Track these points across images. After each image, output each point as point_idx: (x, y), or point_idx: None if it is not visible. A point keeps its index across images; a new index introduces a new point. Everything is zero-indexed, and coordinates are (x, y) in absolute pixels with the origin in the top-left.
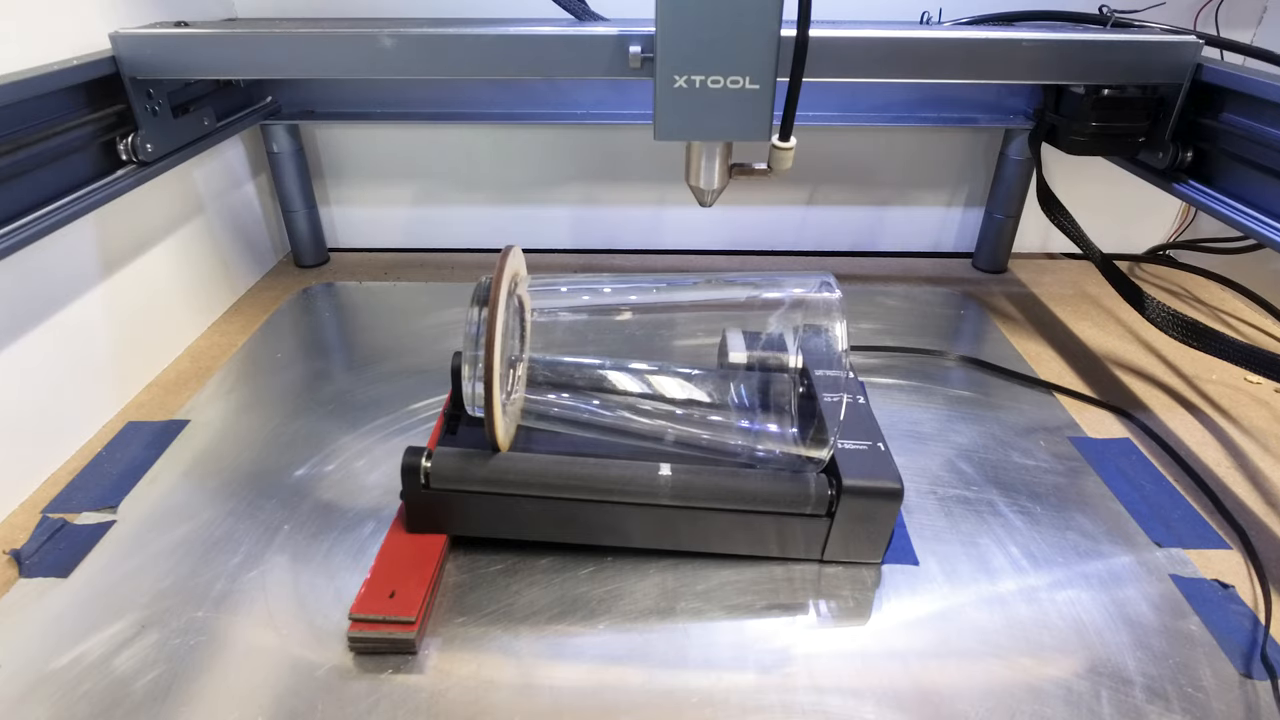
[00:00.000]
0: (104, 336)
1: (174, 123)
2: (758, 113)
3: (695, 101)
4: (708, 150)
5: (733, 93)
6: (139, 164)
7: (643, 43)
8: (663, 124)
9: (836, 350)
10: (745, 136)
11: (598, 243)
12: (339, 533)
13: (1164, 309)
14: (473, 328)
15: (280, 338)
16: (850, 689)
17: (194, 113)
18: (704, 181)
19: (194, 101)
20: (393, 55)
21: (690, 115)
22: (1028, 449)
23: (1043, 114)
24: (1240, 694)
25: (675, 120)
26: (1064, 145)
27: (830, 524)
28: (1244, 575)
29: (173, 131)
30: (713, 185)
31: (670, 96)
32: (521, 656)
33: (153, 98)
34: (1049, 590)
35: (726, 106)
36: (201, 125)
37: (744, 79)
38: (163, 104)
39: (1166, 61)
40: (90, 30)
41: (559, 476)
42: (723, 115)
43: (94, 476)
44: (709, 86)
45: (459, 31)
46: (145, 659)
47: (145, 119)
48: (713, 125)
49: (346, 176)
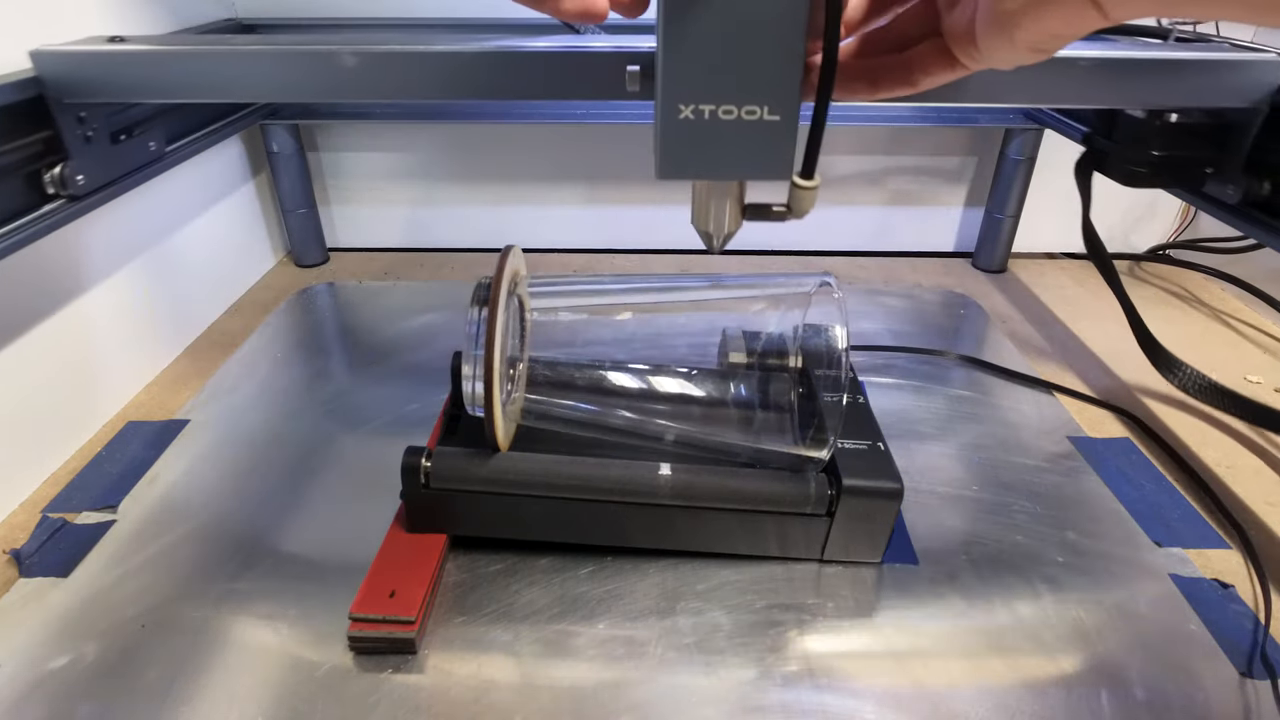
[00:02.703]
0: (104, 336)
1: (112, 150)
2: (778, 148)
3: (704, 135)
4: (718, 190)
5: (749, 125)
6: (69, 198)
7: (642, 61)
8: (666, 161)
9: (836, 350)
10: (764, 175)
11: (598, 243)
12: (339, 533)
13: (1197, 376)
14: (473, 328)
15: (280, 338)
16: (850, 689)
17: (139, 137)
18: (713, 225)
19: (139, 125)
20: (356, 75)
21: (698, 151)
22: (1028, 448)
23: (1091, 139)
24: (1240, 694)
25: (681, 157)
26: (1118, 175)
27: (830, 524)
28: (1244, 575)
29: (111, 160)
30: (723, 230)
31: (675, 129)
32: (521, 656)
33: (85, 122)
34: (1049, 590)
35: (741, 140)
36: (147, 151)
37: (762, 109)
38: (98, 129)
39: (1240, 82)
40: (22, 43)
41: (559, 476)
42: (737, 151)
43: (94, 476)
44: (720, 117)
45: (427, 49)
46: (145, 659)
47: (77, 146)
48: (725, 163)
49: (346, 176)
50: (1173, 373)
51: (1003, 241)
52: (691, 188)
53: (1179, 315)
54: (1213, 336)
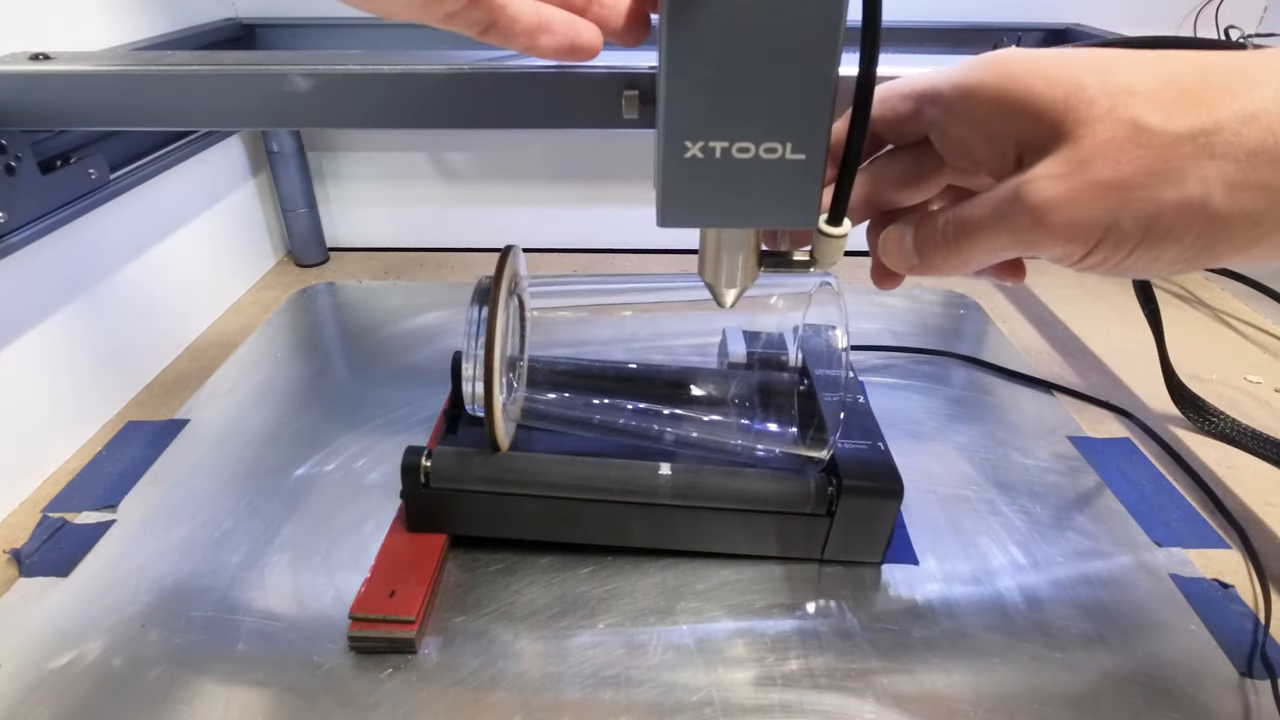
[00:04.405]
0: (104, 336)
1: (42, 181)
2: (802, 191)
3: (715, 176)
4: (731, 239)
5: (768, 164)
6: None
7: (640, 85)
8: (669, 207)
9: (837, 349)
10: (784, 223)
11: (598, 243)
12: (339, 533)
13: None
14: (473, 327)
15: (280, 337)
16: (850, 689)
17: (75, 165)
18: (725, 279)
19: (76, 151)
20: (310, 101)
21: (708, 194)
22: (1028, 449)
23: None
24: (1240, 694)
25: (687, 201)
26: None
27: (830, 523)
28: (1244, 575)
29: (40, 192)
30: (736, 284)
31: (680, 169)
32: (521, 656)
33: (7, 151)
34: (1049, 590)
35: (759, 183)
36: (87, 179)
37: (784, 146)
38: (23, 157)
39: None
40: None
41: (559, 476)
42: (754, 194)
43: (94, 476)
44: (735, 156)
45: (392, 70)
46: (145, 659)
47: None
48: (740, 208)
49: (346, 176)
50: (1203, 418)
51: None
52: (700, 235)
53: (1179, 315)
54: (1213, 336)
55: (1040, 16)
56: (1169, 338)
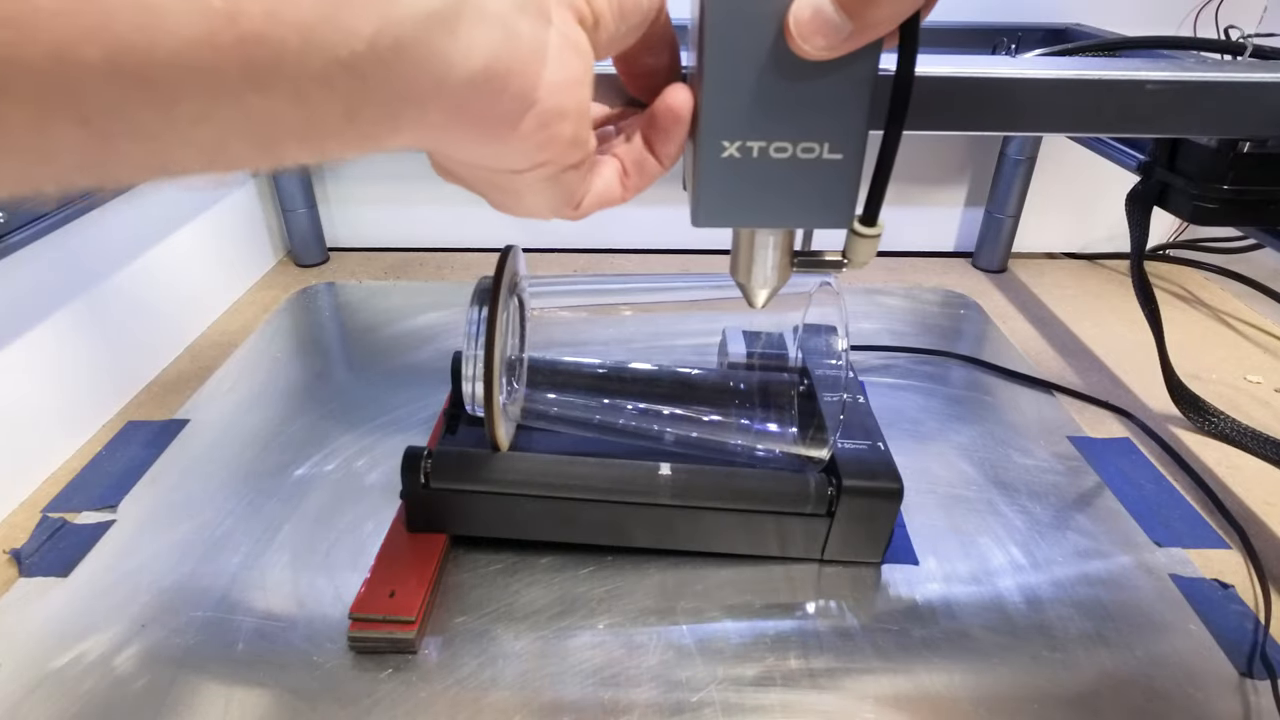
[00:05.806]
0: (104, 336)
1: None
2: (839, 191)
3: (751, 176)
4: (764, 239)
5: (805, 164)
6: None
7: None
8: (706, 207)
9: (836, 349)
10: (822, 223)
11: (598, 243)
12: (339, 533)
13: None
14: (472, 327)
15: (280, 337)
16: (850, 689)
17: None
18: (757, 278)
19: None
20: None
21: (744, 194)
22: (1028, 449)
23: (1151, 169)
24: (1240, 694)
25: (723, 202)
26: (1184, 212)
27: (830, 523)
28: (1244, 575)
29: None
30: (769, 283)
31: (717, 169)
32: (521, 656)
33: None
34: (1049, 590)
35: (795, 182)
36: None
37: (821, 146)
38: None
39: None
40: None
41: (559, 476)
42: (790, 194)
43: (94, 476)
44: (772, 156)
45: None
46: (145, 659)
47: None
48: (776, 209)
49: (346, 176)
50: (1202, 418)
51: (1003, 241)
52: (732, 234)
53: (1179, 315)
54: (1213, 336)
55: (1040, 16)
56: (1169, 338)
